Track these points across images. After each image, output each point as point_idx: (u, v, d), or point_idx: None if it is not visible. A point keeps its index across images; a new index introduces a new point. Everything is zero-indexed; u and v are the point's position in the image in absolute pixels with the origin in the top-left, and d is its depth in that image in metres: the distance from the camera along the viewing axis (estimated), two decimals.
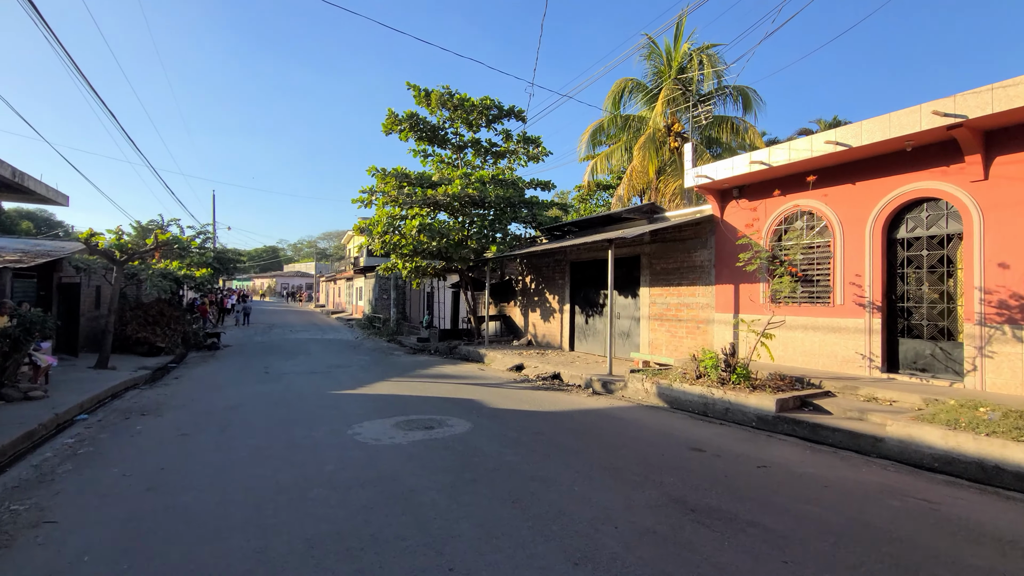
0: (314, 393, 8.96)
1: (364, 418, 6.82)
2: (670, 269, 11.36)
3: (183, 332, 17.33)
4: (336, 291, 47.79)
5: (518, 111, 16.27)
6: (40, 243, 16.60)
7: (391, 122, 15.89)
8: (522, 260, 17.11)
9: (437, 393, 8.91)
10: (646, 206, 12.13)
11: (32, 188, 9.57)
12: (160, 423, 6.69)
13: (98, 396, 8.28)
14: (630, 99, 19.88)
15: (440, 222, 14.32)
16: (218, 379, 11.07)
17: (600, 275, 13.75)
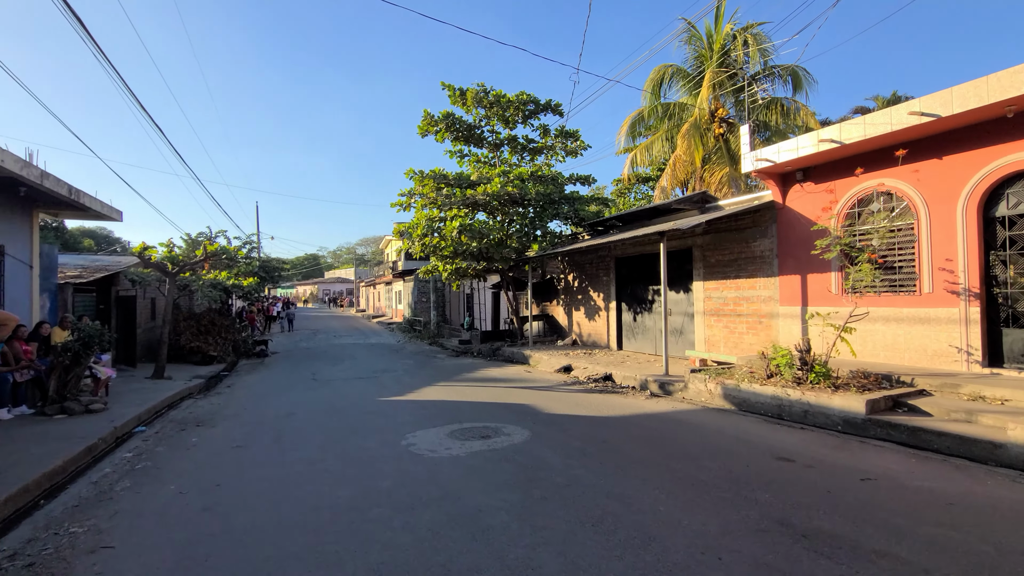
0: (363, 400, 8.80)
1: (416, 427, 6.55)
2: (726, 261, 10.68)
3: (233, 340, 17.72)
4: (376, 296, 48.49)
5: (555, 105, 15.83)
6: (98, 258, 17.30)
7: (427, 123, 15.74)
8: (563, 258, 16.65)
9: (487, 398, 8.59)
10: (696, 195, 11.47)
11: (88, 205, 9.82)
12: (214, 434, 6.62)
13: (155, 407, 8.36)
14: (670, 87, 19.11)
15: (480, 222, 14.05)
16: (268, 387, 11.12)
17: (648, 270, 13.15)
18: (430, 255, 15.91)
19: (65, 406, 7.20)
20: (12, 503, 4.17)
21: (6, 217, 9.16)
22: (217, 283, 16.11)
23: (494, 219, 15.00)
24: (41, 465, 4.88)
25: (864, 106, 22.59)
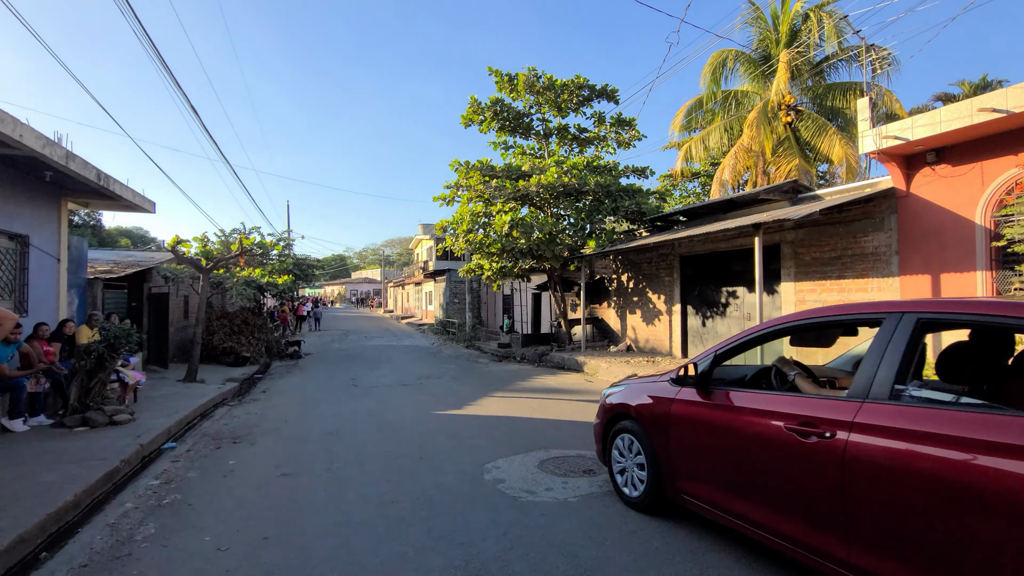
0: (416, 413, 7.72)
1: (494, 452, 5.41)
2: (825, 259, 9.28)
3: (266, 341, 16.97)
4: (405, 296, 47.87)
5: (611, 91, 14.59)
6: (131, 254, 16.77)
7: (472, 111, 14.69)
8: (616, 257, 15.39)
9: (557, 414, 7.41)
10: (786, 184, 10.10)
11: (118, 193, 9.01)
12: (254, 456, 5.61)
13: (186, 418, 7.43)
14: (732, 73, 17.65)
15: (532, 215, 12.89)
16: (307, 393, 10.17)
17: (721, 269, 11.80)
18: (474, 253, 14.87)
19: (87, 416, 6.30)
20: (3, 560, 3.16)
21: (31, 205, 8.40)
22: (251, 281, 15.36)
23: (545, 214, 13.83)
24: (48, 502, 3.89)
25: (948, 92, 20.69)
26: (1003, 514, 1.88)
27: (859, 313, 2.94)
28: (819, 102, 16.76)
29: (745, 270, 11.22)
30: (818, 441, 2.51)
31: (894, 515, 2.24)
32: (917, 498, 2.15)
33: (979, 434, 2.01)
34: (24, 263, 8.23)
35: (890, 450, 2.25)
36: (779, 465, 2.74)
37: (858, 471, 2.34)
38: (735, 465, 3.02)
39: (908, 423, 2.24)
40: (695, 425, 3.31)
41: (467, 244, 14.39)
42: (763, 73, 17.06)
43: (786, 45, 16.32)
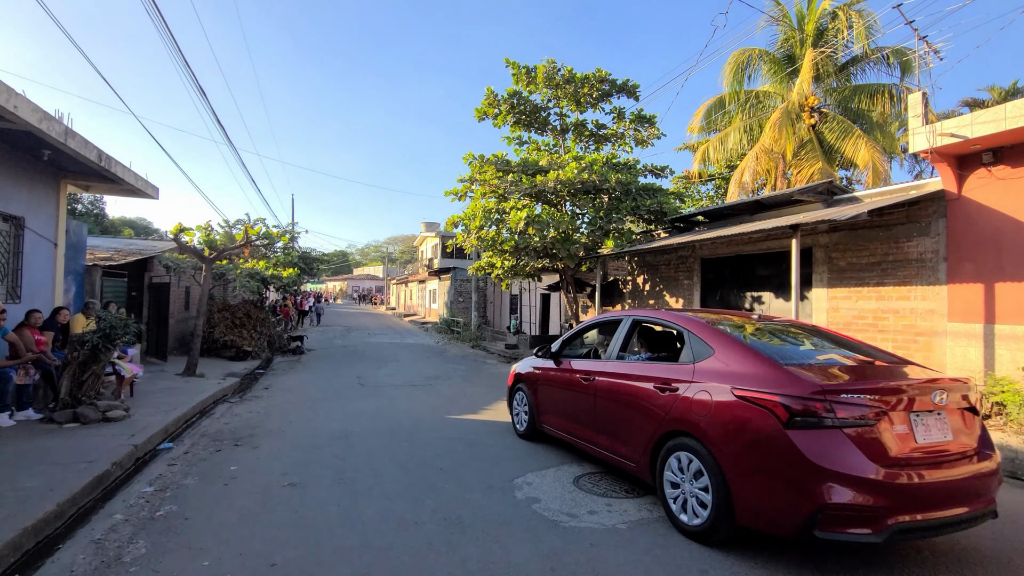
0: (430, 416, 7.24)
1: (523, 466, 4.93)
2: (863, 264, 8.79)
3: (269, 335, 16.52)
4: (408, 294, 47.42)
5: (631, 86, 14.11)
6: (133, 242, 16.33)
7: (488, 103, 14.22)
8: (631, 258, 14.90)
9: None
10: (821, 185, 9.60)
11: (120, 175, 8.55)
12: (258, 461, 5.13)
13: (185, 415, 6.96)
14: (755, 72, 17.16)
15: (549, 212, 12.40)
16: (311, 391, 9.70)
17: (746, 273, 11.30)
18: (485, 250, 14.40)
19: (78, 412, 5.83)
20: None
21: (28, 186, 7.95)
22: (255, 273, 14.90)
23: (560, 211, 13.35)
24: (25, 513, 3.43)
25: (976, 98, 20.18)
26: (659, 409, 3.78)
27: (613, 317, 5.10)
28: (844, 104, 16.27)
29: (772, 275, 10.73)
30: (588, 383, 4.71)
31: (609, 413, 4.40)
32: (617, 402, 4.30)
33: (640, 371, 4.13)
34: (19, 247, 7.77)
35: (610, 382, 4.42)
36: (577, 399, 4.90)
37: (599, 395, 4.53)
38: (563, 403, 5.19)
39: (619, 369, 4.39)
40: (549, 382, 5.49)
41: (479, 241, 13.91)
42: (787, 74, 16.58)
43: (812, 45, 15.83)
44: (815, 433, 2.88)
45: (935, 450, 2.99)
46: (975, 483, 2.98)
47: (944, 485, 2.90)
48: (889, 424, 2.92)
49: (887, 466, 2.82)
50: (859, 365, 3.54)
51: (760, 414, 3.07)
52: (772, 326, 4.22)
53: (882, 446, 2.87)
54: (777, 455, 2.95)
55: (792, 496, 2.88)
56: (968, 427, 3.20)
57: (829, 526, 2.78)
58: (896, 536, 2.77)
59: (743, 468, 3.10)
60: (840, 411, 2.88)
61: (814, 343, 3.99)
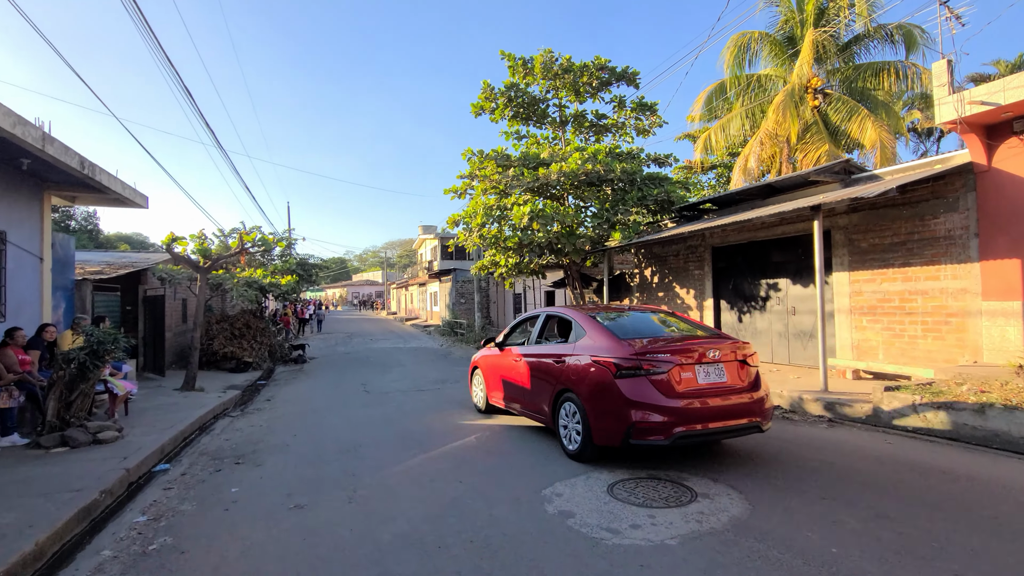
0: (441, 423, 6.85)
1: (548, 474, 4.54)
2: (886, 245, 8.41)
3: (269, 345, 16.12)
4: (408, 298, 47.03)
5: (631, 73, 13.72)
6: (125, 255, 15.92)
7: (484, 97, 13.83)
8: (638, 250, 14.53)
9: None
10: (837, 165, 9.22)
11: (106, 184, 8.15)
12: (261, 480, 4.74)
13: (183, 433, 6.57)
14: (755, 56, 16.77)
15: (553, 206, 12.01)
16: (315, 401, 9.31)
17: (761, 260, 10.93)
18: (488, 248, 14.02)
19: (67, 435, 5.44)
20: None
21: (8, 198, 7.54)
22: (253, 282, 14.50)
23: (565, 204, 12.96)
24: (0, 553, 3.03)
25: (981, 72, 19.79)
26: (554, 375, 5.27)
27: (535, 313, 6.55)
28: (848, 84, 15.88)
29: (788, 260, 10.36)
30: (518, 362, 6.10)
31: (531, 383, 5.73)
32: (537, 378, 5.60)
33: (546, 350, 5.57)
34: (1, 262, 7.38)
35: (530, 360, 5.81)
36: (512, 376, 6.24)
37: (527, 370, 5.82)
38: (506, 380, 6.45)
39: (536, 350, 5.80)
40: (495, 366, 6.81)
41: (481, 239, 13.53)
42: (788, 56, 16.20)
43: (812, 24, 15.44)
44: (631, 380, 4.49)
45: (711, 387, 4.59)
46: (740, 408, 4.55)
47: (715, 409, 4.45)
48: (678, 372, 4.50)
49: (673, 398, 4.38)
50: (674, 336, 5.13)
51: (603, 371, 4.68)
52: (626, 314, 5.92)
53: (671, 386, 4.44)
54: (610, 396, 4.54)
55: (617, 420, 4.45)
56: (741, 373, 4.77)
57: (638, 436, 4.36)
58: (679, 440, 4.31)
59: (595, 407, 4.68)
60: (646, 365, 4.49)
61: (660, 321, 5.69)
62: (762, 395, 4.72)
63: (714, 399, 4.48)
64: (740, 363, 4.76)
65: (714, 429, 4.44)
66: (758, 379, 4.85)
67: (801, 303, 10.08)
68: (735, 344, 4.84)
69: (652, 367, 4.45)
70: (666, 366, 4.46)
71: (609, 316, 5.63)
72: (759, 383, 4.82)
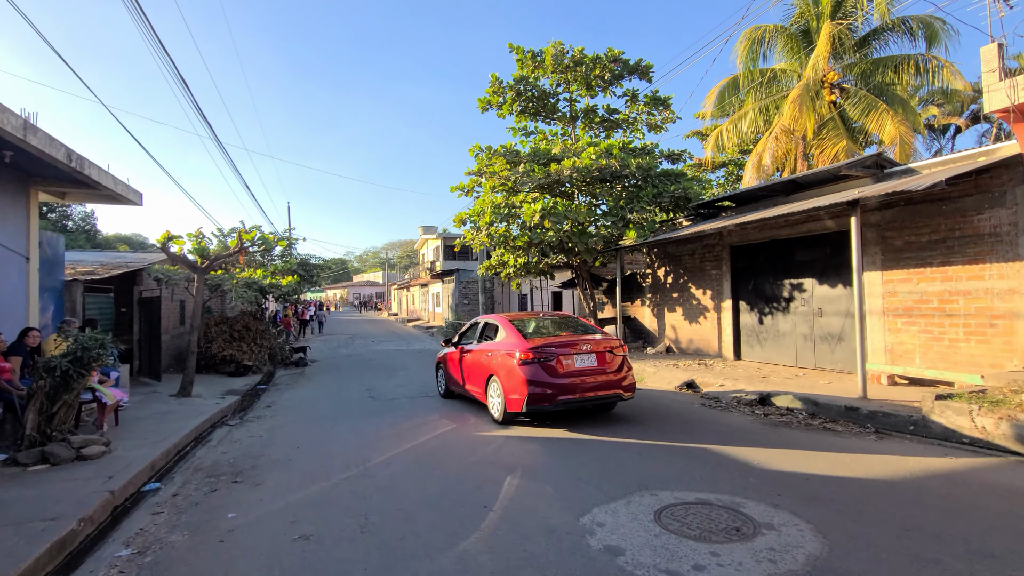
0: (457, 436, 6.36)
1: (583, 496, 4.06)
2: (923, 243, 7.94)
3: (270, 348, 15.63)
4: (410, 299, 46.54)
5: (645, 66, 13.27)
6: (121, 255, 15.44)
7: (492, 91, 13.37)
8: (650, 250, 14.06)
9: (630, 435, 6.06)
10: (868, 159, 8.75)
11: (95, 179, 7.67)
12: (261, 504, 4.26)
13: (177, 445, 6.09)
14: (770, 50, 16.30)
15: (565, 204, 11.53)
16: (318, 408, 8.83)
17: (783, 259, 10.45)
18: (496, 247, 13.56)
19: (47, 451, 4.96)
20: None
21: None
22: (252, 282, 14.01)
23: (575, 203, 12.48)
24: None
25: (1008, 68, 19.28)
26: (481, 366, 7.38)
27: (477, 320, 8.29)
28: (866, 79, 15.40)
29: (814, 259, 9.89)
30: (466, 356, 7.96)
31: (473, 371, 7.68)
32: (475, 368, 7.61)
33: (481, 347, 7.54)
34: None
35: (472, 356, 7.76)
36: (464, 365, 7.98)
37: (471, 361, 7.73)
38: (458, 371, 8.15)
39: (477, 347, 7.67)
40: (450, 361, 8.51)
41: (489, 238, 13.07)
42: (804, 50, 15.73)
43: (829, 17, 14.98)
44: (529, 366, 6.31)
45: (585, 369, 6.41)
46: (607, 383, 6.43)
47: (587, 384, 6.31)
48: (561, 359, 6.35)
49: (557, 377, 6.25)
50: (563, 335, 7.02)
51: (512, 359, 6.51)
52: (540, 319, 7.82)
53: (556, 369, 6.30)
54: (515, 377, 6.37)
55: (520, 393, 6.25)
56: (609, 359, 6.59)
57: (533, 404, 6.20)
58: (561, 405, 6.27)
59: (507, 385, 6.52)
60: (539, 356, 6.35)
61: (559, 324, 7.75)
62: (624, 375, 6.70)
63: (587, 377, 6.43)
64: (608, 353, 6.68)
65: (587, 398, 6.42)
66: (623, 364, 6.79)
67: (828, 304, 9.60)
68: (605, 340, 6.83)
69: (543, 357, 6.41)
70: (553, 356, 6.41)
71: (523, 321, 7.54)
72: (623, 367, 6.76)
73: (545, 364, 6.33)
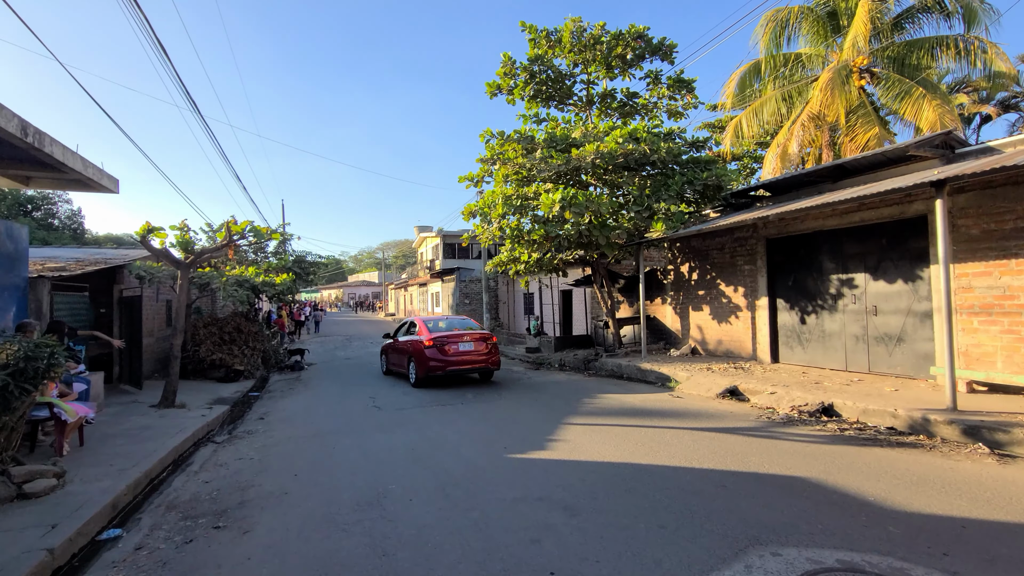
0: (487, 458, 5.36)
1: (686, 558, 3.07)
2: (1007, 231, 7.00)
3: (263, 351, 14.56)
4: (408, 298, 45.45)
5: (668, 46, 12.30)
6: (100, 251, 14.30)
7: (504, 72, 12.37)
8: (671, 245, 13.11)
9: (704, 460, 5.08)
10: (936, 137, 7.81)
11: (59, 159, 6.60)
12: (250, 563, 3.25)
13: (149, 473, 5.06)
14: (795, 33, 15.37)
15: (586, 194, 10.53)
16: (318, 420, 7.81)
17: (828, 253, 9.51)
18: (509, 242, 12.57)
19: None
20: None
21: None
22: (244, 280, 12.95)
23: (598, 192, 11.49)
24: None
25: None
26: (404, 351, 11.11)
27: (406, 319, 12.86)
28: (898, 63, 14.51)
29: (867, 251, 8.95)
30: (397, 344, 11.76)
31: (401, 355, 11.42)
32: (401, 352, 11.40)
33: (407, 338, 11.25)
34: None
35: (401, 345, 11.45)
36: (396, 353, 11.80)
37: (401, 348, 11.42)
38: (401, 358, 11.34)
39: (404, 339, 11.42)
40: (390, 350, 12.29)
41: (501, 231, 12.07)
42: (831, 33, 14.83)
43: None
44: (430, 349, 10.08)
45: (465, 351, 10.21)
46: (479, 360, 10.33)
47: (466, 361, 10.20)
48: (450, 346, 10.10)
49: (447, 356, 10.07)
50: (455, 331, 10.55)
51: (422, 347, 10.13)
52: (445, 320, 11.59)
53: (447, 352, 10.07)
54: (422, 356, 10.11)
55: (424, 367, 10.10)
56: (484, 345, 10.40)
57: (432, 372, 10.09)
58: (449, 372, 10.18)
59: (417, 361, 10.26)
60: (436, 343, 10.12)
61: (453, 323, 11.29)
62: (493, 355, 10.46)
63: (466, 356, 10.09)
64: (482, 341, 10.34)
65: (465, 368, 10.19)
66: (493, 349, 10.49)
67: (884, 302, 8.66)
68: (481, 334, 10.59)
69: (438, 343, 9.99)
70: (445, 343, 9.99)
71: (434, 321, 11.34)
72: (492, 351, 10.48)
73: (440, 348, 10.08)
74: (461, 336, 10.28)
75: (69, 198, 39.51)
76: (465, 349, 10.14)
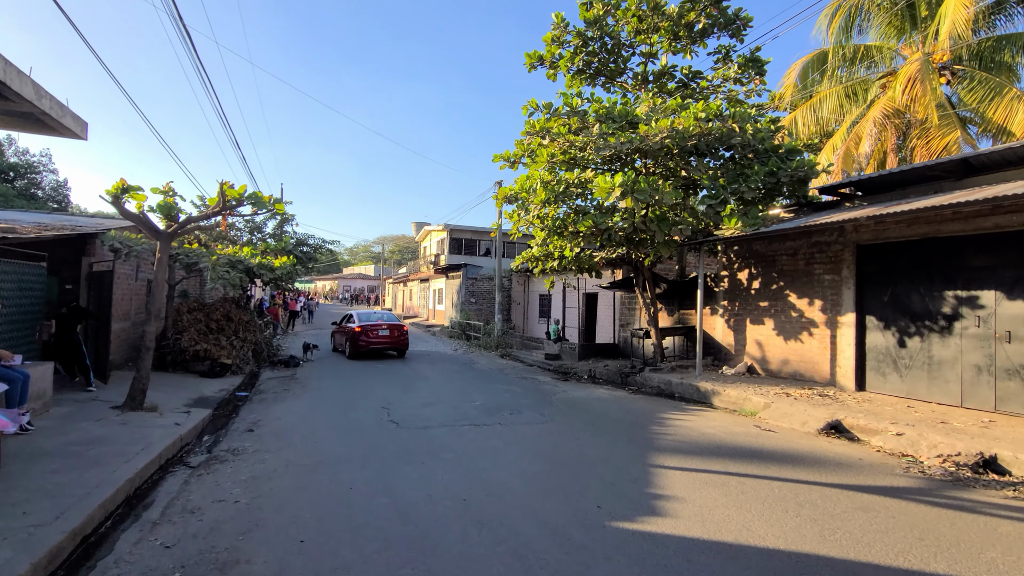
0: (578, 527, 3.72)
1: None
2: None
3: (254, 343, 12.84)
4: (407, 294, 43.68)
5: (744, 18, 10.71)
6: (72, 217, 12.48)
7: (552, 38, 10.74)
8: (729, 248, 11.54)
9: (898, 550, 3.47)
10: None
11: (3, 80, 4.90)
12: None
13: (87, 524, 3.35)
14: (867, 22, 13.90)
15: (650, 180, 8.88)
16: (322, 438, 6.15)
17: (941, 264, 7.94)
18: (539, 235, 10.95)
19: None
20: None
21: None
22: (237, 261, 11.21)
23: (663, 180, 9.86)
24: None
25: None
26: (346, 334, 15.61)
27: (349, 313, 17.08)
28: (983, 60, 13.07)
29: (997, 264, 7.39)
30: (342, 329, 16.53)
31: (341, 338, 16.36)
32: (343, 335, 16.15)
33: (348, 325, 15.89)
34: None
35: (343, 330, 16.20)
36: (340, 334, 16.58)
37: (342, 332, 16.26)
38: (343, 339, 16.07)
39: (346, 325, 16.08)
40: (337, 334, 17.07)
41: (540, 221, 10.45)
42: (908, 25, 13.35)
43: None
44: (359, 334, 14.85)
45: (384, 336, 15.20)
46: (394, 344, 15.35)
47: (384, 344, 15.17)
48: (373, 333, 15.05)
49: (370, 339, 14.94)
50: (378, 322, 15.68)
51: (355, 332, 14.90)
52: (376, 313, 17.47)
53: (370, 336, 14.96)
54: (354, 338, 14.84)
55: (355, 347, 14.81)
56: (396, 333, 15.42)
57: (361, 348, 14.85)
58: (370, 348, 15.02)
59: (352, 342, 14.93)
60: (363, 330, 14.97)
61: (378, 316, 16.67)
62: (404, 340, 15.50)
63: (385, 340, 15.05)
64: (396, 330, 15.32)
65: (383, 348, 15.09)
66: (404, 336, 15.50)
67: (1015, 325, 7.11)
68: (397, 325, 15.64)
69: (365, 331, 14.85)
70: (370, 330, 14.90)
71: (366, 314, 16.69)
72: (403, 337, 15.44)
73: (367, 334, 14.69)
74: (381, 326, 15.12)
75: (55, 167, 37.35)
76: (384, 335, 14.96)
